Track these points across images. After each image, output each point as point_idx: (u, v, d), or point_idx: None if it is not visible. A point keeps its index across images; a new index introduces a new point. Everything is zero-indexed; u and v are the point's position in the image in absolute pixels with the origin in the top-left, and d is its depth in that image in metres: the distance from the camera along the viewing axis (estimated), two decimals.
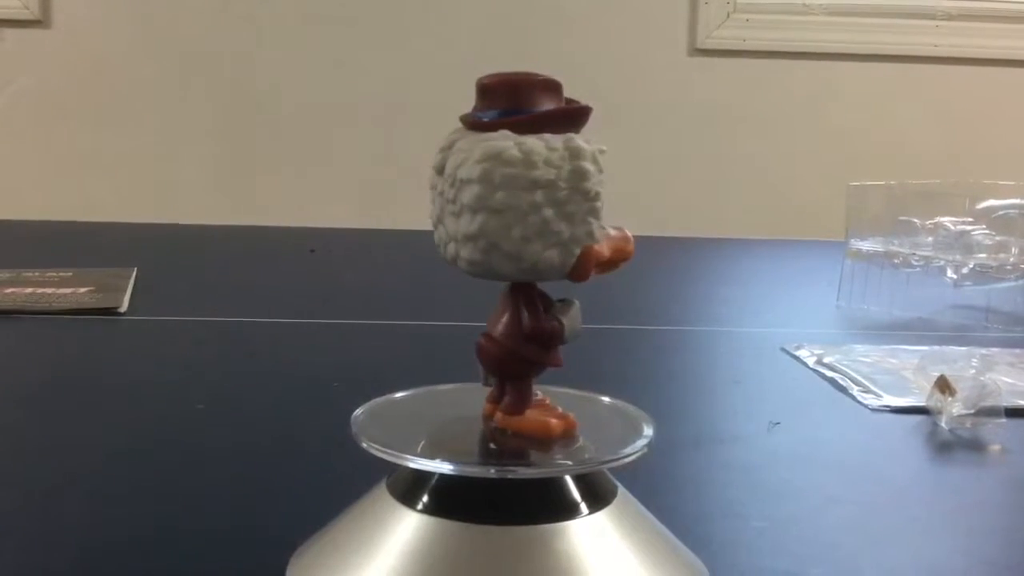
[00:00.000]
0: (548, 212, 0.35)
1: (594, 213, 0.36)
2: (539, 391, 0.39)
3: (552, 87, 0.36)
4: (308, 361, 0.77)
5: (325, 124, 2.18)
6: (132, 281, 1.00)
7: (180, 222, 1.63)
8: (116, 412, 0.62)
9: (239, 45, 2.17)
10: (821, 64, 2.24)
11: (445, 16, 2.18)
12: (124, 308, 0.90)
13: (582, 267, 0.35)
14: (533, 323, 0.37)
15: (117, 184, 2.15)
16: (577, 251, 0.36)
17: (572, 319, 0.37)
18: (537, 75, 0.36)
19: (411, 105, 2.13)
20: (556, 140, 0.35)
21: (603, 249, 0.36)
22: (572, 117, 0.36)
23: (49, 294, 0.93)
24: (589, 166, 0.35)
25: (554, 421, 0.37)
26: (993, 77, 2.25)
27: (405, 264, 0.31)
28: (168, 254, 1.26)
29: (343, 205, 2.14)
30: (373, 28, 2.17)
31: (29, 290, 0.94)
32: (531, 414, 0.38)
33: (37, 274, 1.02)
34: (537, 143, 0.35)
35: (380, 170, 2.17)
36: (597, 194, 0.36)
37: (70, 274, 1.02)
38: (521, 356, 0.37)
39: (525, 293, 0.37)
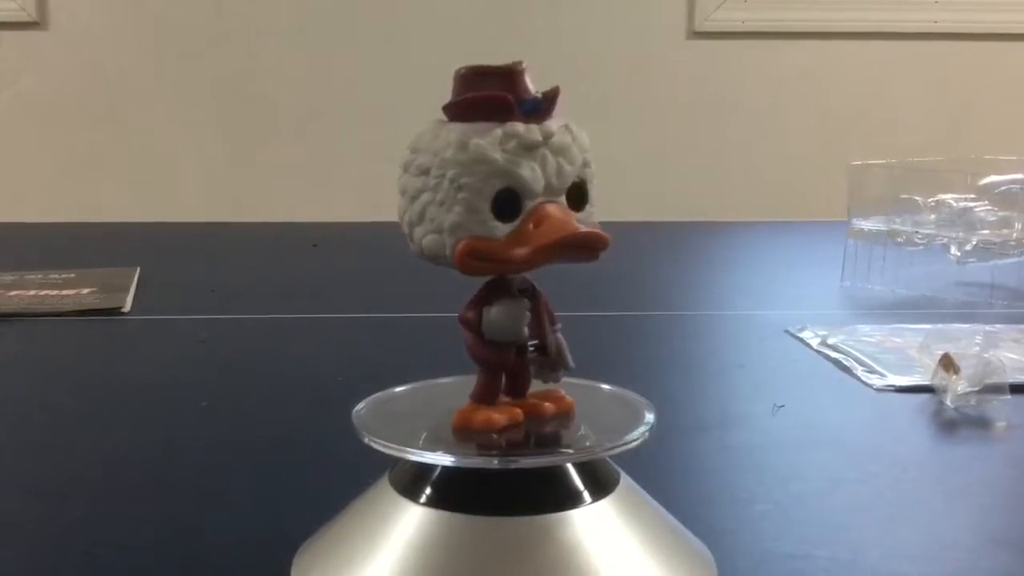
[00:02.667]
0: (426, 197, 0.35)
1: (464, 204, 0.34)
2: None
3: (501, 75, 0.35)
4: (311, 356, 0.77)
5: (324, 119, 2.18)
6: (135, 281, 1.00)
7: (181, 221, 1.63)
8: (120, 412, 0.62)
9: (238, 42, 2.16)
10: (820, 43, 2.23)
11: (442, 5, 2.17)
12: (127, 308, 0.90)
13: (455, 258, 0.35)
14: (460, 312, 0.37)
15: (117, 184, 2.15)
16: (451, 242, 0.35)
17: (497, 315, 0.36)
18: (492, 65, 0.35)
19: (410, 97, 2.12)
20: (451, 128, 0.35)
21: (494, 246, 0.34)
22: (477, 105, 0.35)
23: (53, 296, 0.93)
24: (457, 155, 0.34)
25: (478, 417, 0.37)
26: (993, 52, 2.24)
27: (407, 257, 0.31)
28: (170, 253, 1.27)
29: (344, 200, 2.14)
30: (373, 23, 2.16)
31: (32, 292, 0.94)
32: (477, 407, 0.38)
33: (40, 276, 1.02)
34: (432, 130, 0.36)
35: (381, 164, 2.17)
36: (464, 185, 0.34)
37: (73, 275, 1.02)
38: (467, 345, 0.37)
39: (485, 283, 0.37)
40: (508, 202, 0.35)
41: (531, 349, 0.37)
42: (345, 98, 2.17)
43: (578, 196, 0.36)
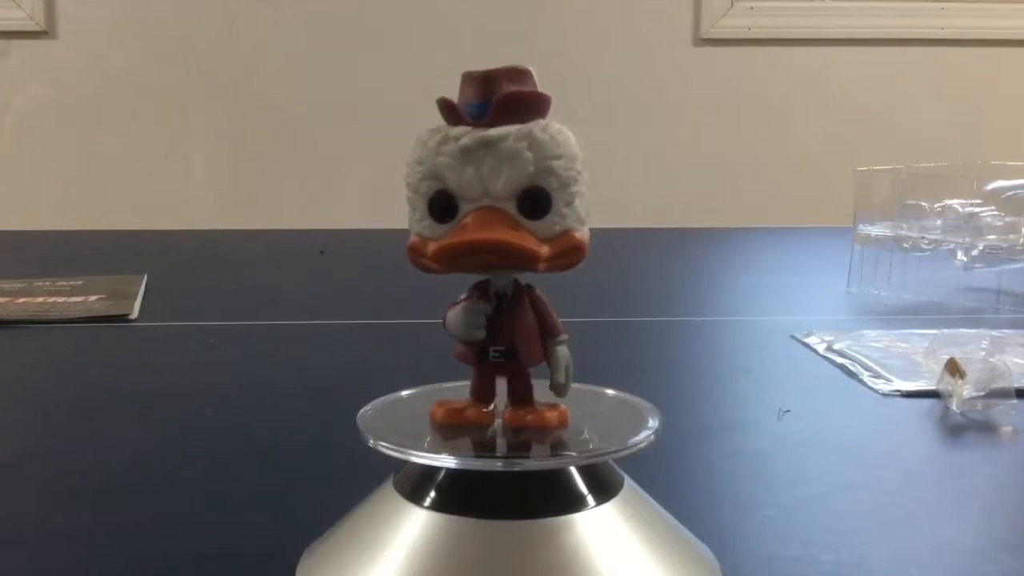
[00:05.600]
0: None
1: (409, 203, 0.36)
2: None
3: (479, 79, 0.36)
4: (317, 361, 0.77)
5: (332, 126, 2.18)
6: (142, 288, 1.00)
7: (189, 228, 1.64)
8: (127, 418, 0.62)
9: (245, 49, 2.17)
10: (826, 50, 2.23)
11: (448, 10, 2.18)
12: (135, 315, 0.90)
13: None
14: None
15: (125, 192, 2.16)
16: (410, 237, 0.36)
17: (451, 316, 0.37)
18: (477, 70, 0.36)
19: (418, 103, 2.12)
20: (422, 130, 0.36)
21: (424, 245, 0.36)
22: (441, 108, 0.36)
23: (61, 303, 0.93)
24: (409, 157, 0.36)
25: (440, 410, 0.39)
26: (999, 58, 2.24)
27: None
28: (178, 260, 1.27)
29: (352, 206, 2.15)
30: (378, 27, 2.17)
31: (40, 299, 0.95)
32: (452, 402, 0.39)
33: (48, 283, 1.02)
34: None
35: (388, 170, 2.17)
36: (409, 184, 0.36)
37: (81, 282, 1.03)
38: None
39: (471, 285, 0.38)
40: (445, 204, 0.35)
41: (495, 353, 0.37)
42: (353, 104, 2.18)
43: (534, 204, 0.35)
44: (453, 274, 0.36)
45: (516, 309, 0.37)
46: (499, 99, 0.35)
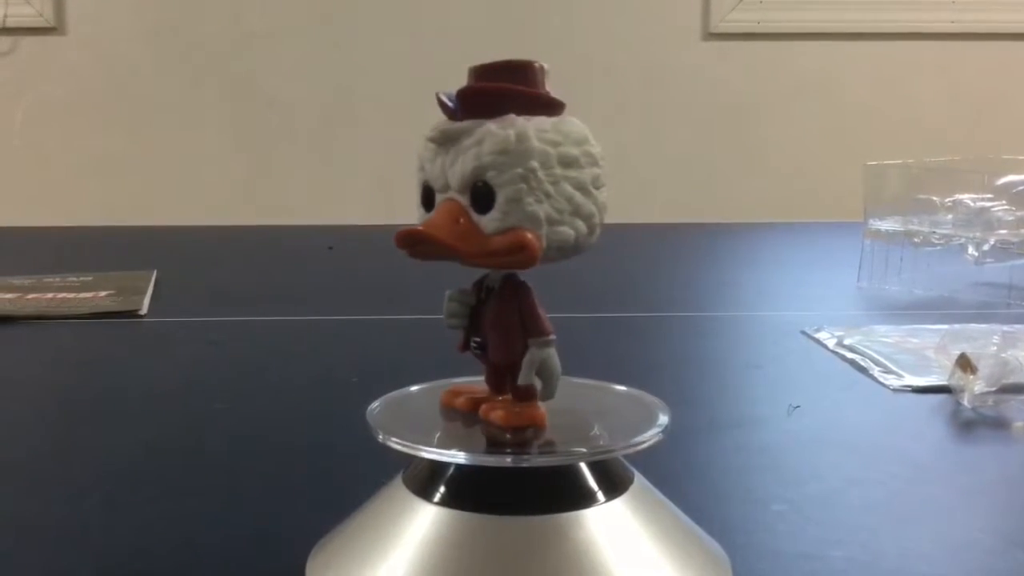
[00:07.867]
0: None
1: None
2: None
3: (473, 74, 0.36)
4: (326, 357, 0.77)
5: (340, 123, 2.19)
6: (152, 284, 1.01)
7: (198, 224, 1.64)
8: (137, 413, 0.63)
9: (254, 46, 2.17)
10: (836, 44, 2.23)
11: (456, 5, 2.18)
12: (144, 311, 0.90)
13: None
14: None
15: (134, 188, 2.17)
16: None
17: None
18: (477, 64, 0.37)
19: (426, 100, 2.12)
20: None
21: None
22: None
23: (70, 299, 0.94)
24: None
25: (443, 392, 0.40)
26: (1010, 52, 2.23)
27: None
28: (187, 256, 1.27)
29: (360, 202, 2.15)
30: (388, 25, 2.17)
31: (50, 295, 0.95)
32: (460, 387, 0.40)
33: (58, 279, 1.03)
34: None
35: (396, 166, 2.17)
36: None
37: (90, 278, 1.03)
38: None
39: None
40: (427, 194, 0.36)
41: (474, 345, 0.38)
42: (360, 101, 2.18)
43: (478, 199, 0.35)
44: (465, 268, 0.36)
45: (494, 304, 0.37)
46: (459, 93, 0.35)
